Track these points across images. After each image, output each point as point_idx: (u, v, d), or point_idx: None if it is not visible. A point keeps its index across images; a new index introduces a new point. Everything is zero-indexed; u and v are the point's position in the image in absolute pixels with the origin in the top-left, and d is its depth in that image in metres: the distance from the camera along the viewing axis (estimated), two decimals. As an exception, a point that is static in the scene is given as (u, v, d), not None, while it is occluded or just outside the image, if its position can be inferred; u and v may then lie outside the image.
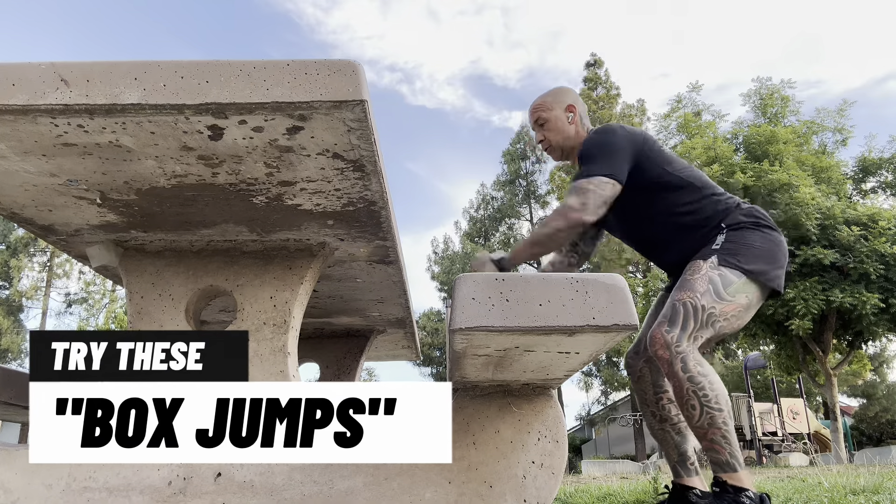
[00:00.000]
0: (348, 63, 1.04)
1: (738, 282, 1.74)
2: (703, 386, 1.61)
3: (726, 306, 1.71)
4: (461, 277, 1.11)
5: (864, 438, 22.89)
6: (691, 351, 1.65)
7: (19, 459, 1.36)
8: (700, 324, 1.68)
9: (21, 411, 2.26)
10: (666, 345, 1.64)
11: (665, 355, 1.64)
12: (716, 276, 1.73)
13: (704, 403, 1.61)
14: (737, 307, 1.73)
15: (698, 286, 1.72)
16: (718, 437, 1.60)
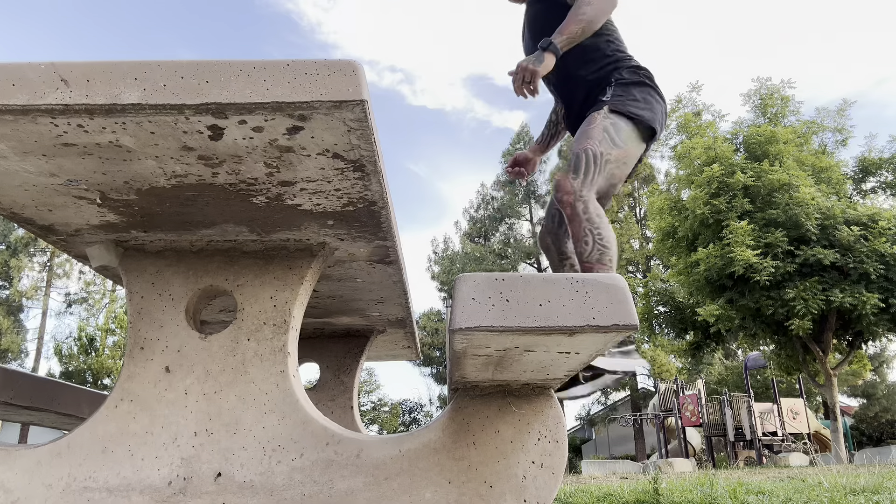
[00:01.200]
0: (348, 63, 1.04)
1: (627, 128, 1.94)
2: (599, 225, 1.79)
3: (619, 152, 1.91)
4: (461, 277, 1.11)
5: (864, 438, 22.89)
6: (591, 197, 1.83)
7: (19, 459, 1.36)
8: (598, 168, 1.86)
9: (21, 411, 2.26)
10: (571, 190, 1.82)
11: (569, 199, 1.81)
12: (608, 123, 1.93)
13: (597, 240, 1.78)
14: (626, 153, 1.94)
15: (595, 134, 1.90)
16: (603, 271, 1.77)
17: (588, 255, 1.77)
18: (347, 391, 2.51)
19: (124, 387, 1.44)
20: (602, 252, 1.77)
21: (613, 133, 1.91)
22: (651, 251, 21.00)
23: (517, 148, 25.83)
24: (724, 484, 3.55)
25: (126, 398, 1.43)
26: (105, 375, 21.49)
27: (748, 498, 2.93)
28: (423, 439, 1.41)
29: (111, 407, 1.42)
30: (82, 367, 21.65)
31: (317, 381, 2.56)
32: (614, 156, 1.90)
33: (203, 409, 1.42)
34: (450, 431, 1.41)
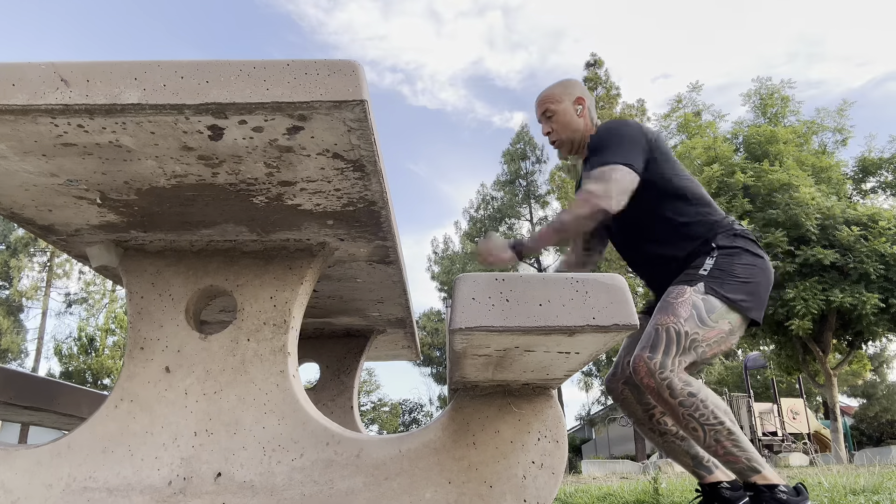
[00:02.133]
0: (348, 63, 1.04)
1: (721, 308, 1.71)
2: (697, 406, 1.59)
3: (709, 332, 1.69)
4: (461, 277, 1.11)
5: (864, 438, 22.90)
6: (675, 374, 1.62)
7: (19, 459, 1.36)
8: (682, 349, 1.65)
9: (21, 411, 2.25)
10: (650, 372, 1.61)
11: (651, 383, 1.62)
12: (699, 301, 1.71)
13: (703, 423, 1.59)
14: (719, 333, 1.71)
15: (681, 311, 1.69)
16: (730, 448, 1.59)
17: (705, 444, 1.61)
18: (347, 391, 2.51)
19: (124, 387, 1.44)
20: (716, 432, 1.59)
21: (704, 312, 1.69)
22: (651, 251, 20.95)
23: (517, 148, 25.82)
24: (724, 484, 3.53)
25: (126, 398, 1.43)
26: (105, 375, 21.50)
27: (748, 498, 2.92)
28: (423, 439, 1.41)
29: (111, 407, 1.42)
30: (82, 367, 21.65)
31: (317, 381, 2.56)
32: (702, 336, 1.67)
33: (203, 409, 1.42)
34: (450, 431, 1.41)
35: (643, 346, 1.67)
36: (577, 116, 2.01)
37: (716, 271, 1.76)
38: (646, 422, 1.92)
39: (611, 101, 21.11)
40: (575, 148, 2.04)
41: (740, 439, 1.61)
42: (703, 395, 1.61)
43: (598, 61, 22.14)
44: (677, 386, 1.60)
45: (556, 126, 2.02)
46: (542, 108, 2.04)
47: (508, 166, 25.88)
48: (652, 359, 1.62)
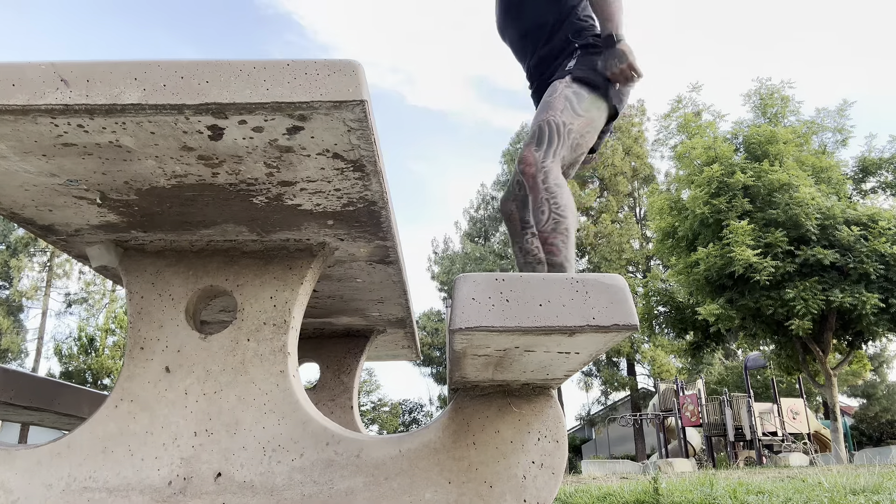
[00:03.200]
0: (348, 63, 1.04)
1: (590, 97, 1.91)
2: (557, 194, 1.77)
3: (582, 122, 1.89)
4: (461, 277, 1.11)
5: (864, 438, 22.89)
6: (553, 168, 1.80)
7: (19, 459, 1.36)
8: (561, 139, 1.84)
9: (21, 411, 2.25)
10: (534, 162, 1.80)
11: (531, 171, 1.79)
12: (571, 92, 1.90)
13: (553, 209, 1.76)
14: (588, 122, 1.91)
15: (557, 104, 1.88)
16: (558, 241, 1.75)
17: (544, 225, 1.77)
18: (347, 391, 2.51)
19: (124, 387, 1.44)
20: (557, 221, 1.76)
21: (576, 102, 1.90)
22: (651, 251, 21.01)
23: (517, 148, 25.82)
24: (724, 484, 3.55)
25: (126, 398, 1.43)
26: (105, 375, 21.49)
27: (748, 498, 2.93)
28: (423, 439, 1.41)
29: (111, 407, 1.42)
30: (82, 367, 21.65)
31: (317, 381, 2.56)
32: (577, 125, 1.88)
33: (203, 409, 1.42)
34: (450, 431, 1.41)
35: (529, 143, 1.86)
36: None
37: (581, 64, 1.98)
38: (519, 239, 2.12)
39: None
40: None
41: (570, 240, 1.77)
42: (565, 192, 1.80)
43: (598, 61, 22.07)
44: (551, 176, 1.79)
45: None
46: None
47: (508, 166, 25.88)
48: (537, 151, 1.82)
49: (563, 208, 1.77)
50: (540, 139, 1.84)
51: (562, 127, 1.85)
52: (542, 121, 1.87)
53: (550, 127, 1.85)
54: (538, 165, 1.79)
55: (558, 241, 1.75)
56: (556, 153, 1.83)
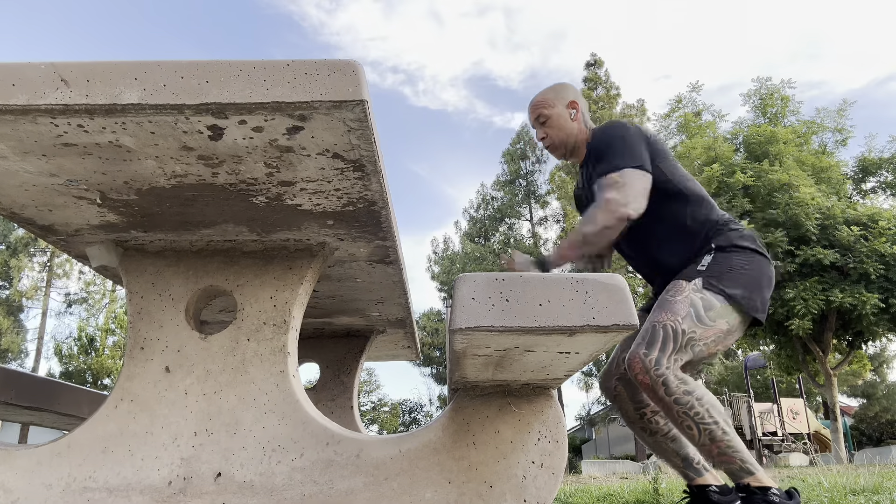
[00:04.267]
0: (348, 63, 1.04)
1: (720, 306, 1.69)
2: (692, 405, 1.58)
3: (707, 331, 1.67)
4: (461, 277, 1.11)
5: (864, 438, 22.89)
6: (671, 372, 1.60)
7: (19, 459, 1.36)
8: (679, 347, 1.63)
9: (21, 411, 2.25)
10: (645, 369, 1.60)
11: (646, 380, 1.60)
12: (697, 298, 1.69)
13: (698, 422, 1.58)
14: (717, 332, 1.69)
15: (679, 308, 1.67)
16: (724, 448, 1.58)
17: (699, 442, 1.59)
18: (347, 391, 2.51)
19: (124, 387, 1.44)
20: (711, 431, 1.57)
21: (702, 310, 1.67)
22: (651, 251, 20.96)
23: (517, 148, 25.82)
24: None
25: (126, 398, 1.43)
26: (105, 375, 21.50)
27: (748, 498, 2.92)
28: (423, 439, 1.41)
29: (111, 407, 1.42)
30: (82, 367, 21.65)
31: (317, 381, 2.56)
32: (699, 334, 1.65)
33: (203, 409, 1.42)
34: (450, 431, 1.41)
35: (639, 343, 1.65)
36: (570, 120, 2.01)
37: (714, 267, 1.75)
38: (637, 420, 1.91)
39: (611, 101, 21.12)
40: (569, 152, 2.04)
41: (734, 440, 1.60)
42: (698, 393, 1.60)
43: (598, 61, 22.14)
44: (673, 383, 1.59)
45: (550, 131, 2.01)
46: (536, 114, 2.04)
47: (508, 166, 25.89)
48: (648, 356, 1.61)
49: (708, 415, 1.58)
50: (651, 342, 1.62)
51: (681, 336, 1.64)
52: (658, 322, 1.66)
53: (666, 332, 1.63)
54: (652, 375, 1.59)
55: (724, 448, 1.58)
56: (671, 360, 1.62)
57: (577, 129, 2.01)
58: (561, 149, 2.03)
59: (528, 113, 2.08)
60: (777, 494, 1.57)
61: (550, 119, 2.01)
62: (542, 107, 2.02)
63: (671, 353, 1.62)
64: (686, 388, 1.59)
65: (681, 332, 1.64)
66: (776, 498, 1.56)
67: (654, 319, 1.68)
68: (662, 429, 1.87)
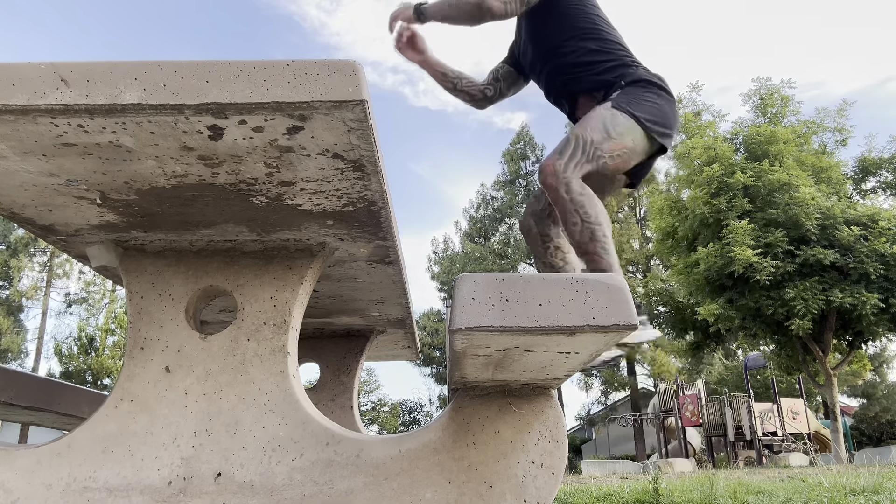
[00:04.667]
0: (348, 63, 1.04)
1: (626, 124, 1.85)
2: (584, 204, 1.73)
3: (613, 144, 1.83)
4: (461, 277, 1.11)
5: (864, 438, 22.89)
6: (575, 177, 1.76)
7: (19, 459, 1.36)
8: (586, 155, 1.79)
9: (21, 411, 2.25)
10: (554, 172, 1.75)
11: (552, 182, 1.75)
12: (608, 114, 1.85)
13: (584, 219, 1.72)
14: (622, 147, 1.85)
15: (590, 123, 1.84)
16: (598, 248, 1.72)
17: (579, 237, 1.73)
18: (347, 391, 2.51)
19: (124, 387, 1.44)
20: (592, 230, 1.72)
21: (610, 125, 1.84)
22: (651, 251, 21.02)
23: (517, 148, 25.83)
24: (724, 484, 3.55)
25: (126, 398, 1.43)
26: (105, 375, 21.50)
27: (748, 498, 2.93)
28: (423, 439, 1.41)
29: (111, 407, 1.42)
30: (82, 367, 21.65)
31: (317, 381, 2.56)
32: (607, 147, 1.82)
33: (203, 409, 1.42)
34: (450, 431, 1.41)
35: (553, 152, 1.82)
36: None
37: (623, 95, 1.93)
38: (541, 254, 2.08)
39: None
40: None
41: (609, 245, 1.74)
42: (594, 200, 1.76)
43: (598, 61, 22.09)
44: (574, 185, 1.75)
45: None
46: None
47: (508, 166, 25.89)
48: (558, 161, 1.77)
49: (595, 216, 1.73)
50: (562, 150, 1.79)
51: (588, 144, 1.79)
52: (571, 135, 1.82)
53: (577, 141, 1.80)
54: (559, 175, 1.74)
55: (597, 248, 1.71)
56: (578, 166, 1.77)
57: None
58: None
59: None
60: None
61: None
62: None
63: (578, 160, 1.78)
64: (583, 192, 1.75)
65: (589, 142, 1.80)
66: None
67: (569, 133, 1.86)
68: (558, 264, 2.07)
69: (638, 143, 1.88)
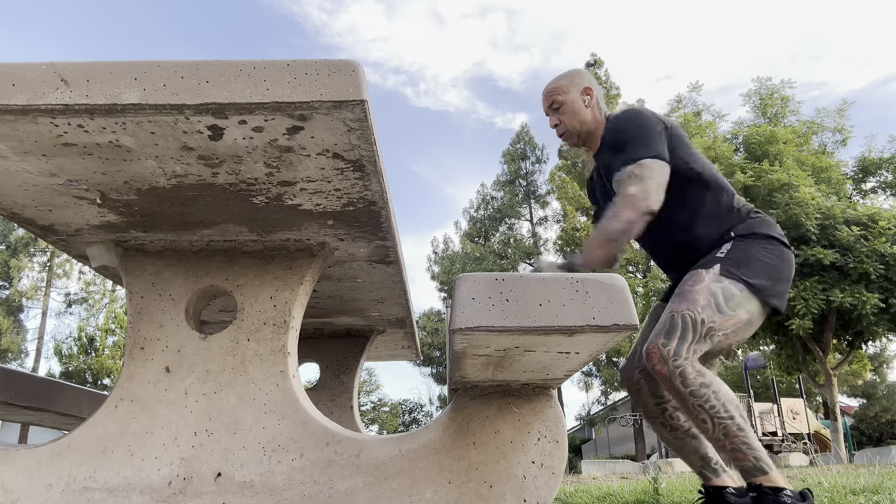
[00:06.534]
0: (348, 63, 1.04)
1: (740, 295, 1.66)
2: (708, 397, 1.54)
3: (726, 320, 1.64)
4: (461, 277, 1.11)
5: (864, 438, 22.89)
6: (689, 363, 1.57)
7: (19, 459, 1.36)
8: (698, 337, 1.60)
9: (21, 411, 2.25)
10: (663, 359, 1.57)
11: (663, 371, 1.57)
12: (717, 288, 1.65)
13: (713, 415, 1.55)
14: (737, 322, 1.66)
15: (699, 298, 1.63)
16: (738, 444, 1.55)
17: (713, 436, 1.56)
18: (347, 391, 2.51)
19: (124, 387, 1.44)
20: (725, 426, 1.54)
21: (722, 299, 1.64)
22: (651, 251, 20.98)
23: (517, 148, 25.81)
24: (724, 484, 3.53)
25: (126, 398, 1.43)
26: (105, 375, 21.49)
27: (748, 498, 2.92)
28: (423, 439, 1.41)
29: (111, 407, 1.42)
30: (82, 367, 21.65)
31: (317, 381, 2.56)
32: (719, 324, 1.62)
33: (203, 409, 1.42)
34: (450, 431, 1.41)
35: (657, 333, 1.62)
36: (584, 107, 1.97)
37: (734, 254, 1.72)
38: (657, 416, 1.86)
39: (610, 101, 21.13)
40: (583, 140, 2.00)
41: (749, 437, 1.57)
42: (715, 386, 1.57)
43: (597, 61, 22.16)
44: (690, 375, 1.55)
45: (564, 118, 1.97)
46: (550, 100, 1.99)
47: (508, 166, 25.88)
48: (666, 346, 1.58)
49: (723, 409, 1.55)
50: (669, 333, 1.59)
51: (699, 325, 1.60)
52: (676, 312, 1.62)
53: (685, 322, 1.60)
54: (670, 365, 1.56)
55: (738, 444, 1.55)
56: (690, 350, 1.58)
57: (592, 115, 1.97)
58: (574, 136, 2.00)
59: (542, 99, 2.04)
60: (790, 496, 1.54)
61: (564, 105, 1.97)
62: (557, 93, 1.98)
63: (690, 343, 1.59)
64: (703, 381, 1.56)
65: (700, 322, 1.61)
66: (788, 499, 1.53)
67: (673, 309, 1.65)
68: (683, 426, 1.83)
69: (754, 312, 1.68)
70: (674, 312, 1.64)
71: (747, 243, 1.75)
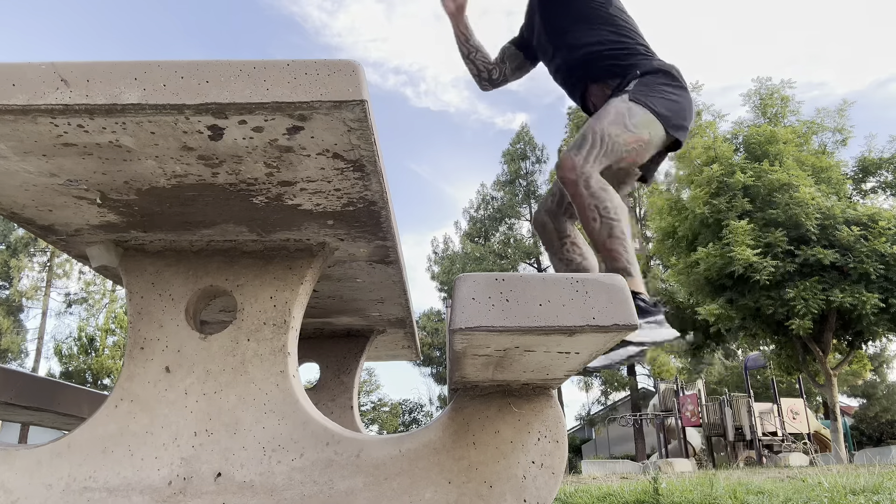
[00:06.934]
0: (348, 63, 1.04)
1: (645, 117, 1.86)
2: (603, 199, 1.73)
3: (630, 136, 1.84)
4: (461, 277, 1.11)
5: (864, 438, 22.89)
6: (594, 171, 1.76)
7: (19, 459, 1.36)
8: (604, 149, 1.80)
9: (21, 411, 2.25)
10: (573, 167, 1.76)
11: (571, 177, 1.75)
12: (624, 108, 1.86)
13: (603, 214, 1.71)
14: (639, 139, 1.86)
15: (607, 116, 1.84)
16: (616, 245, 1.72)
17: (597, 233, 1.72)
18: (347, 391, 2.51)
19: (124, 387, 1.44)
20: (611, 226, 1.71)
21: (627, 118, 1.84)
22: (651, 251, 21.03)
23: (517, 148, 25.83)
24: (724, 484, 3.55)
25: (126, 398, 1.43)
26: (105, 375, 21.50)
27: (748, 498, 2.93)
28: (423, 439, 1.41)
29: (111, 407, 1.42)
30: (82, 367, 21.65)
31: (317, 381, 2.56)
32: (624, 139, 1.82)
33: (203, 409, 1.42)
34: (450, 431, 1.42)
35: (571, 147, 1.82)
36: None
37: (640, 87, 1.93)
38: (558, 250, 2.08)
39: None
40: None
41: (627, 243, 1.73)
42: (612, 194, 1.76)
43: (598, 61, 22.13)
44: (593, 180, 1.75)
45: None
46: None
47: (508, 166, 25.89)
48: (577, 156, 1.78)
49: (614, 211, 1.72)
50: (581, 145, 1.79)
51: (606, 137, 1.80)
52: (588, 129, 1.83)
53: (595, 135, 1.80)
54: (578, 170, 1.74)
55: (616, 245, 1.70)
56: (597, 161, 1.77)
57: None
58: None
59: None
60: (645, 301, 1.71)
61: None
62: None
63: (597, 155, 1.79)
64: (603, 187, 1.75)
65: (607, 136, 1.80)
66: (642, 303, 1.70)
67: (585, 128, 1.85)
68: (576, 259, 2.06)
69: (654, 135, 1.89)
70: (585, 130, 1.85)
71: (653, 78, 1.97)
